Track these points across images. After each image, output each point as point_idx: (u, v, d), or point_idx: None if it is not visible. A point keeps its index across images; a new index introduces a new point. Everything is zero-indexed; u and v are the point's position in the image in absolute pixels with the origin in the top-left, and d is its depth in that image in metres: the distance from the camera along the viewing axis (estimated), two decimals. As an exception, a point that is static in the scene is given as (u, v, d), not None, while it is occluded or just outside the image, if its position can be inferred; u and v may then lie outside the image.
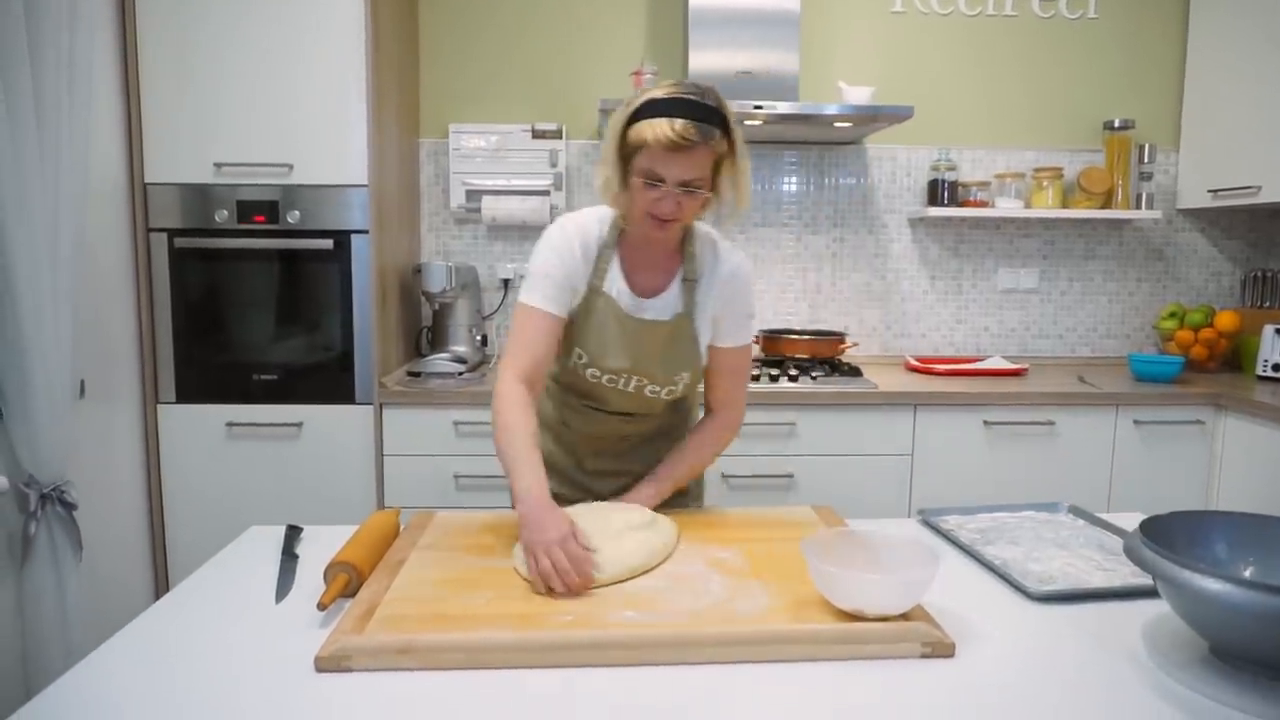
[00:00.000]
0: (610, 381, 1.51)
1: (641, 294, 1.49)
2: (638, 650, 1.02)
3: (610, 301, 1.48)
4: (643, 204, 1.38)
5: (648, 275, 1.50)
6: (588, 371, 1.51)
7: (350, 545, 1.26)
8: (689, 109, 1.31)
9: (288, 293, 2.50)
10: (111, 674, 0.99)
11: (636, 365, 1.49)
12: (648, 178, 1.35)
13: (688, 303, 1.50)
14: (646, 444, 1.63)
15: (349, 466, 2.51)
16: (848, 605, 1.07)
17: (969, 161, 3.12)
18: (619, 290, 1.48)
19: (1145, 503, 2.52)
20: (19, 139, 1.75)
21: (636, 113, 1.34)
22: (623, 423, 1.59)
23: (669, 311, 1.50)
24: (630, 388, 1.52)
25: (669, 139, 1.30)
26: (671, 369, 1.51)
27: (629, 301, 1.49)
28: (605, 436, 1.61)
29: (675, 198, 1.36)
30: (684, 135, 1.30)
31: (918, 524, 1.57)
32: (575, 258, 1.46)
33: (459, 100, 3.02)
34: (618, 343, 1.48)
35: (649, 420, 1.61)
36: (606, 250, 1.48)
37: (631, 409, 1.57)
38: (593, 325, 1.48)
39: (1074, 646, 1.08)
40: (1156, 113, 3.13)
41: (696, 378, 1.56)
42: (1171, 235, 3.19)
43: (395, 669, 0.99)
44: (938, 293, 3.17)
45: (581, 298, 1.48)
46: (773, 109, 2.56)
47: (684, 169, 1.33)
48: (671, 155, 1.32)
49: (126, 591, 2.38)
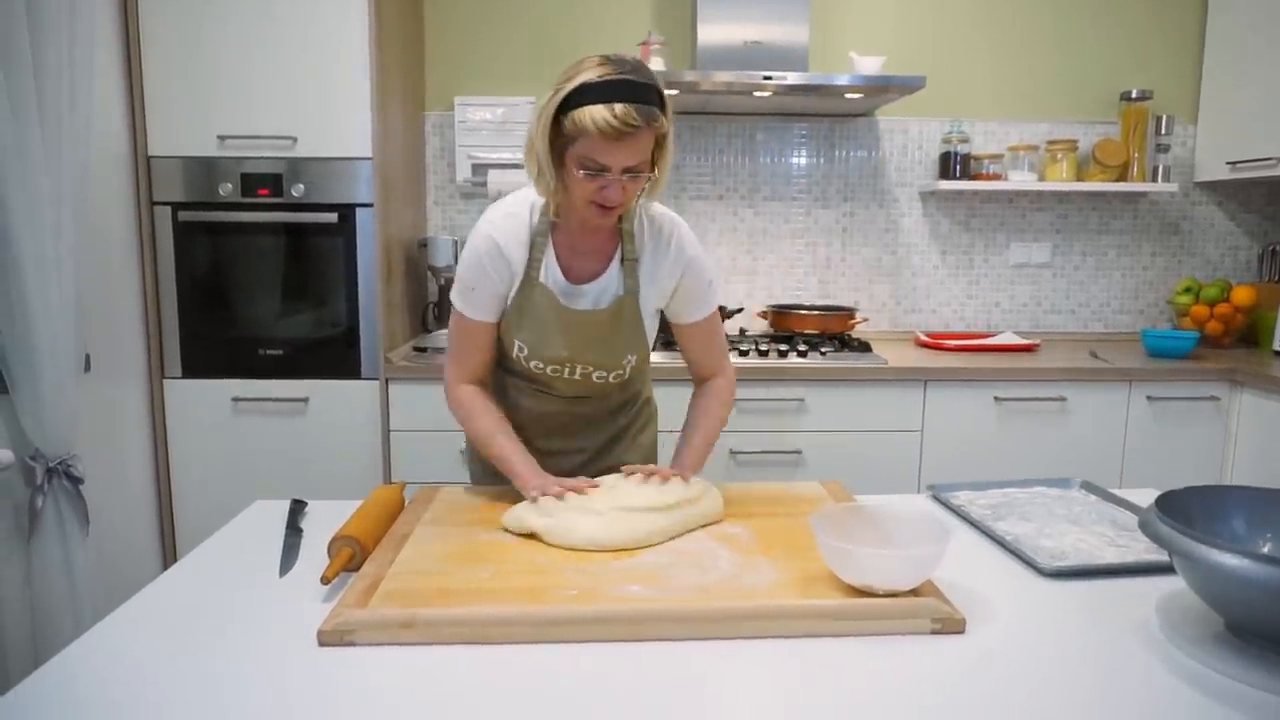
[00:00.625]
0: (554, 372, 1.47)
1: (577, 280, 1.44)
2: (643, 625, 1.01)
3: (546, 292, 1.42)
4: (584, 194, 1.30)
5: (584, 260, 1.44)
6: (531, 364, 1.47)
7: (354, 519, 1.25)
8: (628, 91, 1.22)
9: (293, 267, 2.49)
10: (115, 647, 0.99)
11: (576, 354, 1.44)
12: (588, 167, 1.26)
13: (630, 284, 1.44)
14: (598, 422, 1.60)
15: (355, 442, 2.51)
16: (857, 581, 1.06)
17: (981, 134, 3.07)
18: (554, 280, 1.43)
19: (1158, 479, 2.50)
20: (19, 112, 1.74)
21: (568, 99, 1.24)
22: (572, 404, 1.55)
23: (609, 296, 1.44)
24: (576, 375, 1.48)
25: (612, 127, 1.21)
26: (616, 353, 1.46)
27: (565, 290, 1.43)
28: (556, 417, 1.56)
29: (620, 185, 1.28)
30: (627, 121, 1.21)
31: (928, 499, 1.55)
32: (500, 263, 1.40)
33: (464, 72, 2.98)
34: (555, 333, 1.43)
35: (600, 401, 1.58)
36: (539, 239, 1.41)
37: (581, 393, 1.53)
38: (530, 317, 1.43)
39: (1086, 623, 1.06)
40: (1175, 83, 3.07)
41: (644, 357, 1.52)
42: (1188, 209, 3.14)
43: (398, 643, 0.99)
44: (949, 267, 3.14)
45: (516, 290, 1.43)
46: (782, 80, 2.52)
47: (628, 155, 1.25)
48: (615, 143, 1.23)
49: (135, 565, 2.39)
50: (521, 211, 1.42)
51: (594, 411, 1.59)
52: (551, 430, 1.58)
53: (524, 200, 1.43)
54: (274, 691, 0.90)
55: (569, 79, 1.25)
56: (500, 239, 1.40)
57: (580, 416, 1.58)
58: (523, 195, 1.44)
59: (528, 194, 1.43)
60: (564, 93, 1.24)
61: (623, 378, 1.51)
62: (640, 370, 1.56)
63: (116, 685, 0.91)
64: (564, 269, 1.43)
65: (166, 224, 2.43)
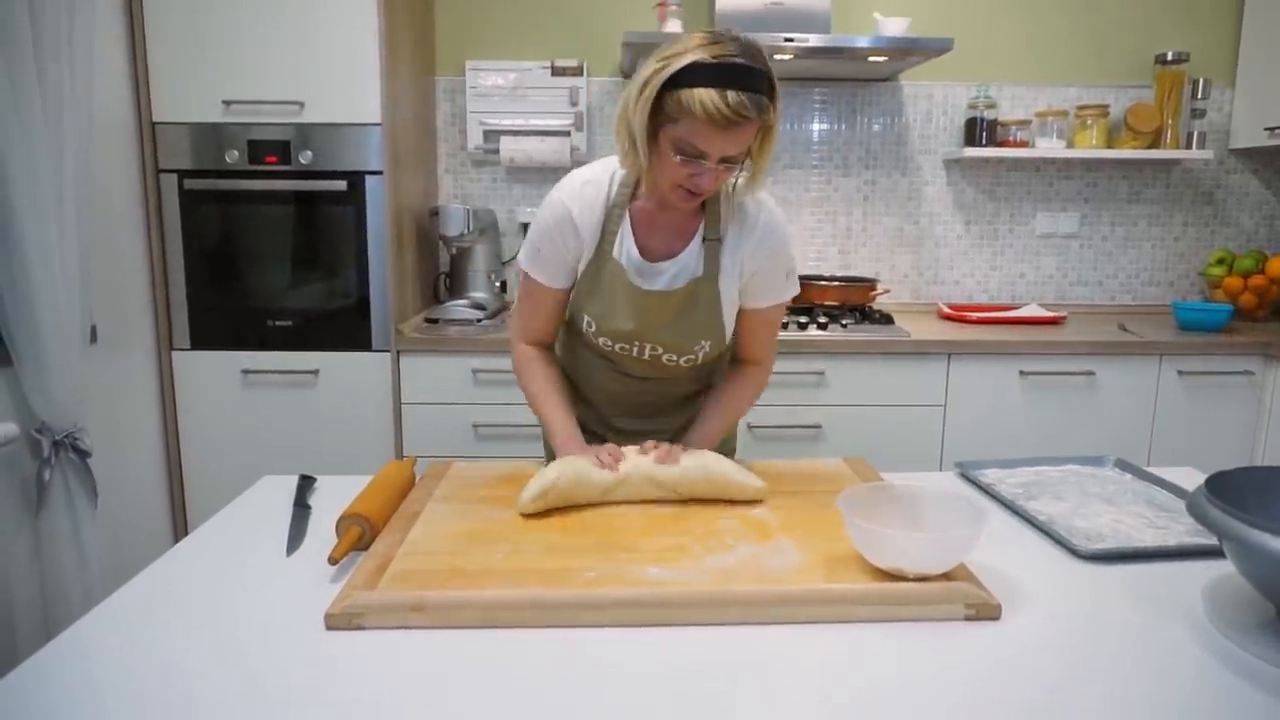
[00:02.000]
0: (623, 350, 1.41)
1: (654, 258, 1.37)
2: (663, 610, 0.97)
3: (618, 268, 1.35)
4: (674, 177, 1.23)
5: (662, 237, 1.37)
6: (599, 340, 1.41)
7: (363, 497, 1.21)
8: (741, 77, 1.14)
9: (302, 236, 2.44)
10: (121, 627, 0.96)
11: (645, 334, 1.38)
12: (685, 152, 1.19)
13: (710, 265, 1.36)
14: (674, 407, 1.55)
15: (366, 415, 2.47)
16: (887, 564, 1.01)
17: (1009, 99, 2.97)
18: (629, 256, 1.36)
19: (1189, 457, 2.42)
20: (17, 79, 1.69)
21: (676, 77, 1.15)
22: (647, 385, 1.49)
23: (685, 276, 1.36)
24: (645, 355, 1.42)
25: (722, 114, 1.13)
26: (688, 336, 1.39)
27: (639, 267, 1.36)
28: (629, 396, 1.52)
29: (715, 173, 1.21)
30: (738, 111, 1.14)
31: (955, 477, 1.50)
32: (571, 234, 1.35)
33: (476, 36, 2.90)
34: (623, 311, 1.36)
35: (673, 384, 1.51)
36: (616, 211, 1.35)
37: (653, 374, 1.47)
38: (598, 292, 1.37)
39: (1127, 609, 1.01)
40: (1212, 45, 2.95)
41: (720, 344, 1.43)
42: (1222, 177, 3.03)
43: (408, 627, 0.95)
44: (972, 238, 3.05)
45: (588, 263, 1.37)
46: (804, 42, 2.43)
47: (731, 144, 1.18)
48: (720, 131, 1.16)
49: (144, 538, 2.38)
50: (601, 180, 1.36)
51: (668, 394, 1.52)
52: (626, 410, 1.53)
53: (605, 169, 1.37)
54: (281, 676, 0.86)
55: (677, 54, 1.16)
56: (574, 207, 1.34)
57: (654, 398, 1.52)
58: (605, 163, 1.38)
59: (610, 163, 1.37)
60: (672, 69, 1.15)
61: (694, 363, 1.43)
62: (716, 357, 1.47)
63: (122, 666, 0.88)
64: (640, 245, 1.36)
65: (173, 192, 2.38)
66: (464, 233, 2.63)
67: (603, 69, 2.92)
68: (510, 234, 2.98)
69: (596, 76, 2.92)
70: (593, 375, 1.52)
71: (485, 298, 2.73)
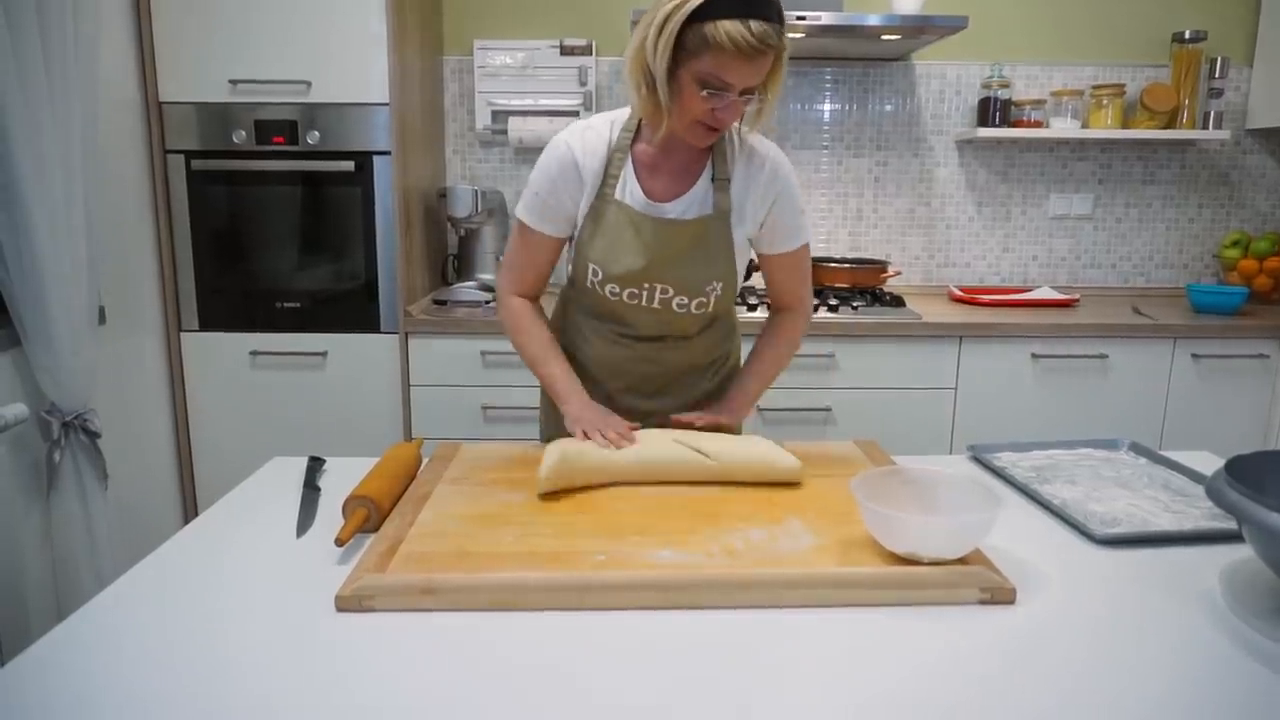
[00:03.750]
0: (631, 297, 1.40)
1: (659, 199, 1.37)
2: (673, 592, 0.96)
3: (623, 207, 1.36)
4: (696, 112, 1.23)
5: (667, 179, 1.37)
6: (606, 289, 1.40)
7: (369, 478, 1.20)
8: (760, 6, 1.15)
9: (309, 217, 2.43)
10: (131, 607, 0.96)
11: (654, 268, 1.36)
12: (710, 85, 1.20)
13: (720, 203, 1.36)
14: (685, 378, 1.53)
15: (374, 397, 2.47)
16: (901, 549, 1.00)
17: (1023, 78, 2.93)
18: (633, 196, 1.36)
19: (1203, 440, 2.41)
20: (23, 58, 1.67)
21: (697, 11, 1.15)
22: (655, 350, 1.47)
23: (694, 211, 1.37)
24: (655, 302, 1.40)
25: (749, 45, 1.15)
26: (700, 275, 1.38)
27: (645, 205, 1.37)
28: (637, 368, 1.49)
29: (737, 106, 1.22)
30: (763, 40, 1.15)
31: (967, 460, 1.49)
32: (573, 177, 1.36)
33: (484, 14, 2.87)
34: (632, 247, 1.35)
35: (683, 347, 1.49)
36: (618, 155, 1.35)
37: (661, 330, 1.45)
38: (603, 233, 1.36)
39: (1144, 593, 1.00)
40: (1231, 23, 2.90)
41: (732, 290, 1.44)
42: (1239, 158, 2.99)
43: (418, 609, 0.94)
44: (984, 219, 3.02)
45: (588, 208, 1.37)
46: (816, 20, 2.40)
47: (753, 75, 1.20)
48: (745, 61, 1.17)
49: (154, 519, 2.39)
50: (601, 126, 1.38)
51: (676, 363, 1.51)
52: (630, 384, 1.51)
53: (605, 118, 1.39)
54: (292, 658, 0.86)
55: None
56: (576, 149, 1.35)
57: (661, 368, 1.50)
58: (599, 117, 1.40)
59: (609, 114, 1.39)
60: (693, 3, 1.15)
61: (706, 306, 1.43)
62: (726, 305, 1.48)
63: (133, 648, 0.88)
64: (644, 187, 1.37)
65: (180, 173, 2.37)
66: (472, 214, 2.61)
67: (612, 48, 2.88)
68: (518, 215, 2.96)
69: (606, 56, 2.89)
70: (594, 344, 1.50)
71: (494, 279, 2.71)
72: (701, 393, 1.54)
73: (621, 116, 1.38)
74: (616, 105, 2.85)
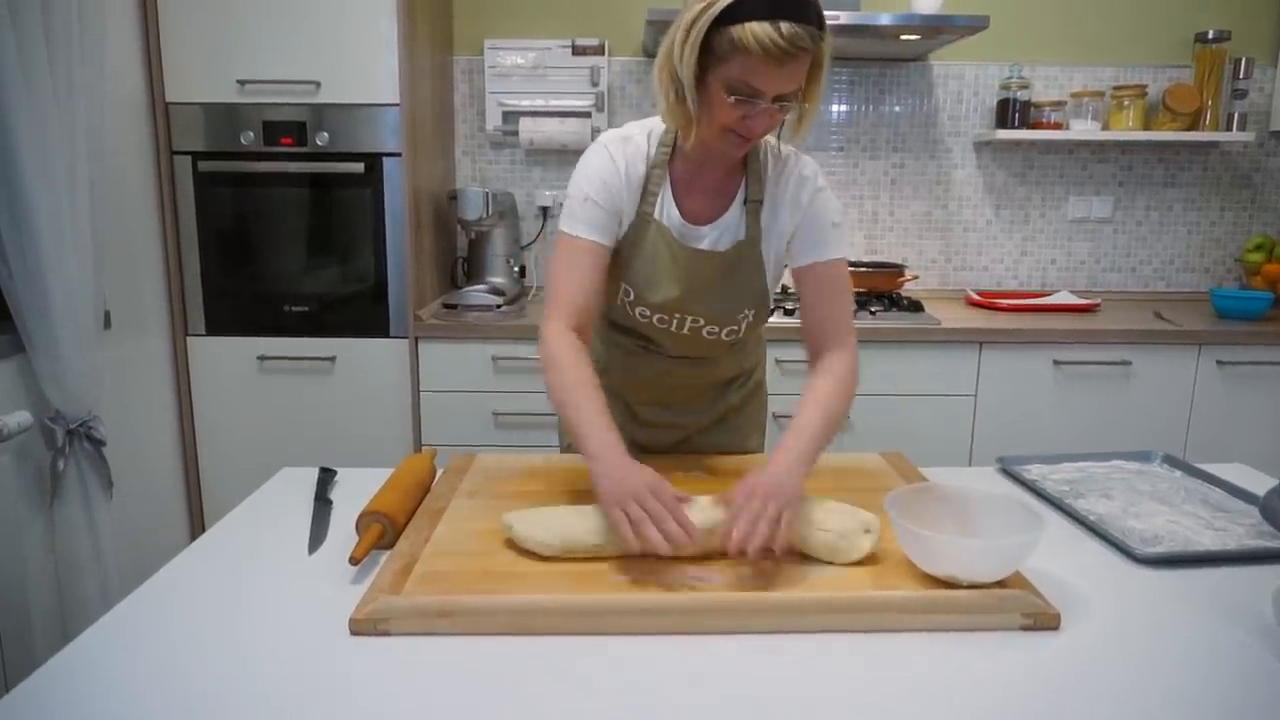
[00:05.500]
0: (662, 322, 1.34)
1: (696, 220, 1.30)
2: (702, 617, 0.92)
3: (661, 229, 1.29)
4: (726, 121, 1.16)
5: (703, 199, 1.30)
6: (636, 310, 1.34)
7: (383, 492, 1.16)
8: (791, 8, 1.07)
9: (318, 219, 2.39)
10: (140, 629, 0.93)
11: (688, 300, 1.31)
12: (740, 91, 1.11)
13: (751, 228, 1.30)
14: (708, 393, 1.48)
15: (384, 402, 2.43)
16: (940, 571, 0.96)
17: (1043, 79, 2.88)
18: (670, 217, 1.30)
19: (1229, 449, 2.36)
20: (28, 58, 1.64)
21: (725, 13, 1.08)
22: (679, 366, 1.42)
23: (728, 239, 1.30)
24: (685, 329, 1.34)
25: (778, 47, 1.06)
26: (731, 305, 1.33)
27: (681, 229, 1.30)
28: (660, 382, 1.44)
29: (769, 113, 1.14)
30: (794, 43, 1.07)
31: (996, 473, 1.44)
32: (620, 183, 1.27)
33: (495, 13, 2.83)
34: (668, 275, 1.30)
35: (710, 366, 1.44)
36: (656, 171, 1.28)
37: (686, 352, 1.40)
38: (640, 256, 1.30)
39: (1192, 617, 0.96)
40: (1255, 23, 2.85)
41: (762, 316, 1.38)
42: (1262, 160, 2.94)
43: (435, 633, 0.90)
44: (1002, 222, 2.97)
45: (629, 226, 1.30)
46: (834, 20, 2.34)
47: (786, 80, 1.11)
48: (776, 67, 1.09)
49: (161, 526, 2.35)
50: (639, 138, 1.28)
51: (702, 378, 1.45)
52: (653, 398, 1.46)
53: (642, 128, 1.30)
54: (305, 682, 0.83)
55: None
56: (618, 157, 1.27)
57: (686, 381, 1.44)
58: (636, 125, 1.31)
59: (642, 124, 1.31)
60: (721, 4, 1.08)
61: (736, 334, 1.36)
62: (755, 334, 1.40)
63: (142, 670, 0.85)
64: (681, 207, 1.30)
65: (187, 174, 2.34)
66: (483, 217, 2.57)
67: (625, 48, 2.84)
68: (529, 218, 2.92)
69: (618, 56, 2.84)
70: (618, 360, 1.45)
71: (504, 283, 2.67)
72: (726, 407, 1.48)
73: (657, 129, 1.30)
74: (628, 106, 2.85)
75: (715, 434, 1.50)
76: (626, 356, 1.44)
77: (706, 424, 1.48)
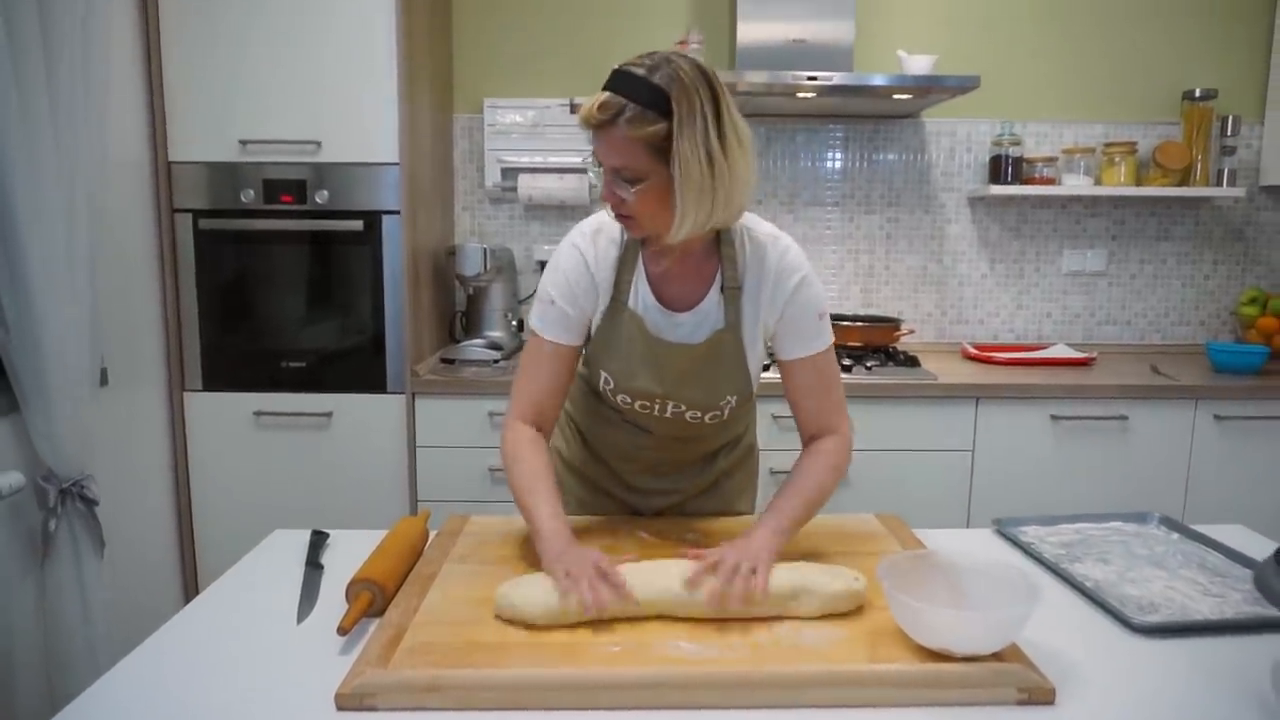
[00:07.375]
0: (644, 408, 1.33)
1: (673, 307, 1.29)
2: (693, 691, 0.91)
3: (635, 319, 1.28)
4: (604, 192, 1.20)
5: (680, 285, 1.28)
6: (618, 398, 1.33)
7: (374, 558, 1.16)
8: (613, 80, 1.12)
9: (317, 276, 2.41)
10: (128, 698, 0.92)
11: (669, 391, 1.29)
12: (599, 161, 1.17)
13: (731, 315, 1.27)
14: (695, 465, 1.47)
15: (380, 458, 2.42)
16: (934, 643, 0.94)
17: (1034, 136, 2.92)
18: (646, 305, 1.28)
19: (1227, 506, 2.35)
20: (29, 116, 1.66)
21: None
22: (666, 442, 1.40)
23: (707, 328, 1.28)
24: (668, 414, 1.33)
25: (589, 113, 1.12)
26: (714, 393, 1.30)
27: (657, 318, 1.28)
28: (648, 453, 1.42)
29: (611, 185, 1.16)
30: (603, 109, 1.10)
31: (993, 534, 1.43)
32: (588, 283, 1.27)
33: (494, 73, 2.89)
34: (645, 366, 1.28)
35: (697, 442, 1.43)
36: (629, 257, 1.28)
37: (675, 433, 1.38)
38: (616, 347, 1.29)
39: (1189, 691, 0.95)
40: (1241, 81, 2.90)
41: (746, 398, 1.35)
42: (1253, 214, 2.97)
43: (423, 708, 0.89)
44: (997, 276, 3.00)
45: (602, 316, 1.30)
46: (827, 80, 2.40)
47: (605, 152, 1.14)
48: (594, 134, 1.14)
49: (155, 585, 2.33)
50: (613, 228, 1.29)
51: (690, 451, 1.44)
52: (644, 468, 1.45)
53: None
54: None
55: None
56: (588, 253, 1.28)
57: (674, 454, 1.43)
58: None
59: None
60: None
61: (720, 419, 1.35)
62: (742, 411, 1.39)
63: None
64: (658, 294, 1.29)
65: (187, 232, 2.36)
66: (481, 272, 2.59)
67: (621, 106, 2.89)
68: (527, 272, 2.94)
69: (615, 114, 2.89)
70: (610, 433, 1.44)
71: (502, 337, 2.69)
72: (717, 472, 1.48)
73: None
74: (626, 163, 2.88)
75: (705, 499, 1.49)
76: (614, 431, 1.43)
77: (700, 489, 1.47)
